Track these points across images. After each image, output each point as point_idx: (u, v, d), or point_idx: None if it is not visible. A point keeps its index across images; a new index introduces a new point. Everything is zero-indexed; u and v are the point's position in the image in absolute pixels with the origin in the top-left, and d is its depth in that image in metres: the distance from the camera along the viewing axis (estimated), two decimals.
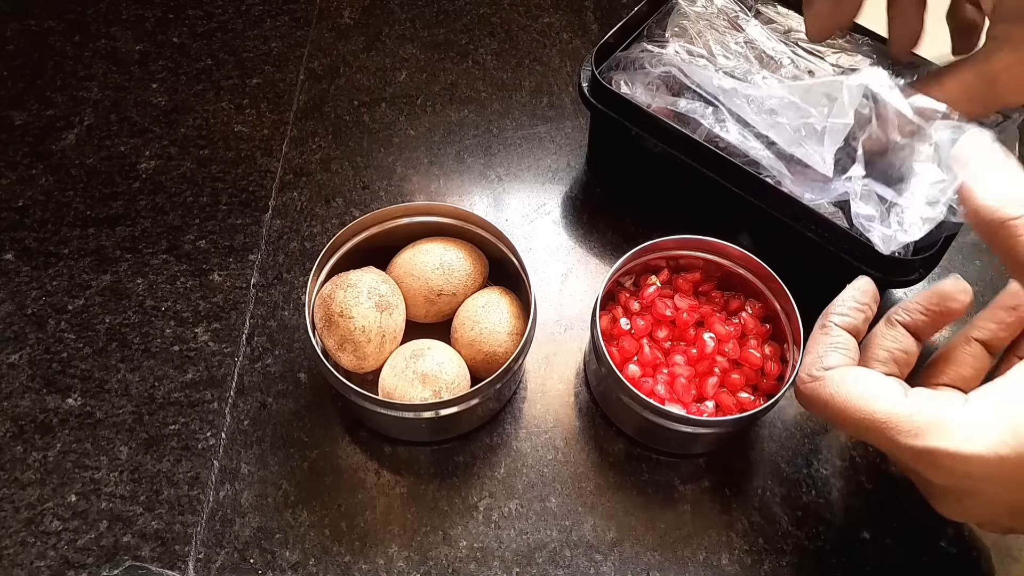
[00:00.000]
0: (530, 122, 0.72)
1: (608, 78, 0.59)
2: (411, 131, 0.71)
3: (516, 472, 0.54)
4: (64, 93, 0.72)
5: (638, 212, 0.65)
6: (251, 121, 0.71)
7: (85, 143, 0.69)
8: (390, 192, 0.67)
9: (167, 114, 0.71)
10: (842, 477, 0.54)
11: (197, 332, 0.59)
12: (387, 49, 0.76)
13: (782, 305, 0.54)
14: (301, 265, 0.63)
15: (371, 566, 0.51)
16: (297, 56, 0.75)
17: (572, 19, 0.79)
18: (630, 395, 0.50)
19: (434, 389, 0.50)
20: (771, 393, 0.53)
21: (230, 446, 0.55)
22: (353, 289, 0.52)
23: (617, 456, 0.55)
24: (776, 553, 0.52)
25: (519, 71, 0.75)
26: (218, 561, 0.51)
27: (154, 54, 0.75)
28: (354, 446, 0.55)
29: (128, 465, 0.54)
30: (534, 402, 0.57)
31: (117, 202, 0.66)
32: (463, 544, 0.51)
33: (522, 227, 0.65)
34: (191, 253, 0.63)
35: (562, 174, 0.69)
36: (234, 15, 0.78)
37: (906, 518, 0.53)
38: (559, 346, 0.59)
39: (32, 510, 0.52)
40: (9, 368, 0.58)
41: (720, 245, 0.55)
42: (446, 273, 0.55)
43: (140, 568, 0.50)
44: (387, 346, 0.53)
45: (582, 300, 0.61)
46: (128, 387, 0.57)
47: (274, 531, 0.52)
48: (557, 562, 0.51)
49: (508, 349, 0.53)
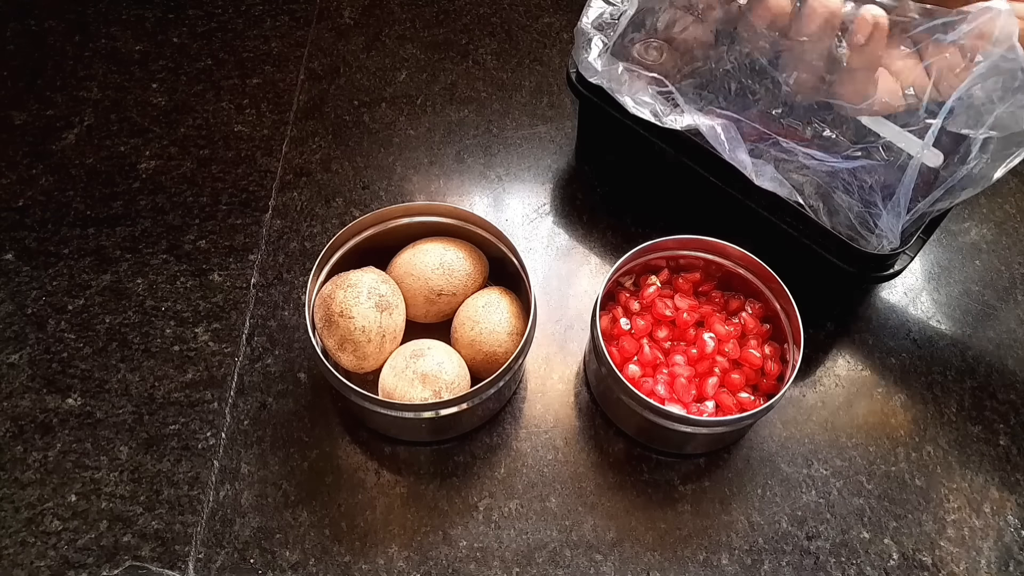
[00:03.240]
0: (530, 122, 0.72)
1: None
2: (411, 131, 0.71)
3: (516, 472, 0.54)
4: (64, 93, 0.72)
5: (638, 212, 0.65)
6: (251, 121, 0.71)
7: (85, 143, 0.69)
8: (390, 192, 0.67)
9: (167, 114, 0.71)
10: (842, 477, 0.54)
11: (197, 332, 0.59)
12: (387, 49, 0.76)
13: (782, 305, 0.54)
14: (301, 265, 0.63)
15: (371, 566, 0.51)
16: (297, 56, 0.75)
17: (572, 19, 0.79)
18: (630, 395, 0.50)
19: (434, 389, 0.50)
20: (771, 393, 0.53)
21: (230, 446, 0.55)
22: (353, 289, 0.52)
23: (617, 456, 0.55)
24: (776, 553, 0.52)
25: (519, 71, 0.75)
26: (218, 561, 0.51)
27: (154, 54, 0.75)
28: (354, 446, 0.55)
29: (128, 465, 0.54)
30: (534, 402, 0.57)
31: (117, 202, 0.66)
32: (463, 544, 0.51)
33: (522, 227, 0.65)
34: (191, 253, 0.63)
35: (563, 174, 0.69)
36: (234, 15, 0.78)
37: (906, 518, 0.53)
38: (559, 346, 0.59)
39: (32, 510, 0.52)
40: (9, 368, 0.58)
41: (720, 245, 0.55)
42: (446, 273, 0.55)
43: (140, 568, 0.50)
44: (387, 346, 0.53)
45: (582, 300, 0.61)
46: (128, 387, 0.57)
47: (274, 531, 0.52)
48: (557, 562, 0.51)
49: (508, 349, 0.53)
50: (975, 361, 0.60)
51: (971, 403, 0.58)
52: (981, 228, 0.66)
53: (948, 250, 0.65)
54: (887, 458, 0.55)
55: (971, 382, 0.59)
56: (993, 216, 0.67)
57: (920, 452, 0.55)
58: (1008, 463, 0.55)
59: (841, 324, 0.61)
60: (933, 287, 0.63)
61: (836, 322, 0.61)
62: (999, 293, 0.63)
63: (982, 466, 0.55)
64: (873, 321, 0.61)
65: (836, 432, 0.56)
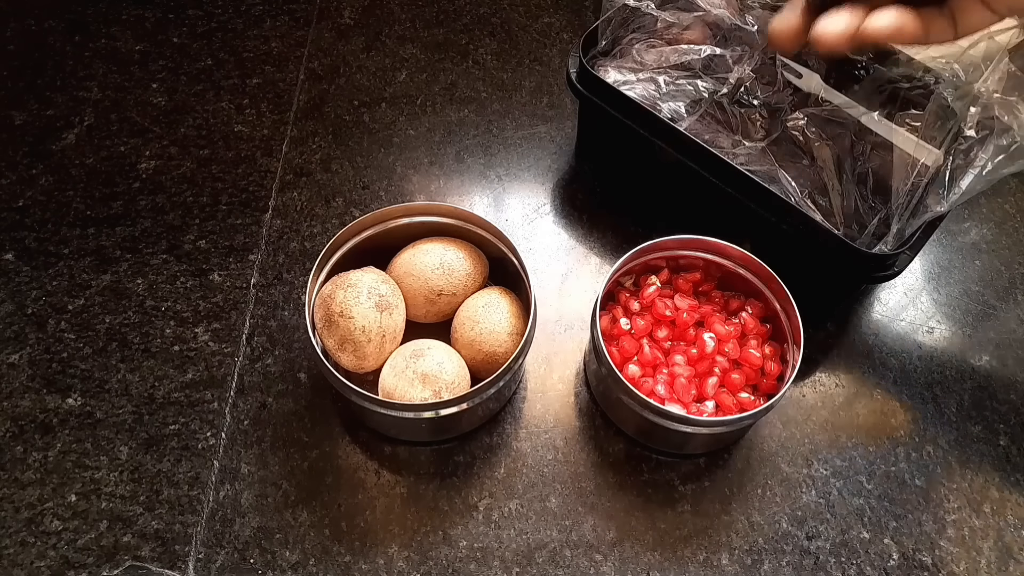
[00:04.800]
0: (530, 122, 0.72)
1: (597, 65, 0.59)
2: (411, 131, 0.71)
3: (516, 472, 0.54)
4: (64, 93, 0.72)
5: (638, 212, 0.65)
6: (251, 121, 0.71)
7: (85, 143, 0.69)
8: (390, 192, 0.67)
9: (167, 114, 0.71)
10: (842, 477, 0.54)
11: (197, 332, 0.59)
12: (387, 49, 0.76)
13: (782, 305, 0.54)
14: (301, 265, 0.63)
15: (371, 566, 0.51)
16: (297, 56, 0.75)
17: (572, 19, 0.79)
18: (630, 395, 0.50)
19: (434, 389, 0.50)
20: (771, 393, 0.53)
21: (230, 446, 0.55)
22: (353, 289, 0.52)
23: (617, 456, 0.55)
24: (776, 553, 0.52)
25: (519, 71, 0.75)
26: (218, 561, 0.51)
27: (154, 54, 0.75)
28: (354, 446, 0.55)
29: (128, 465, 0.54)
30: (534, 402, 0.57)
31: (117, 202, 0.66)
32: (463, 544, 0.51)
33: (522, 227, 0.65)
34: (191, 253, 0.63)
35: (562, 174, 0.69)
36: (234, 15, 0.78)
37: (905, 518, 0.53)
38: (559, 346, 0.59)
39: (32, 510, 0.52)
40: (9, 368, 0.58)
41: (720, 245, 0.55)
42: (446, 273, 0.55)
43: (140, 568, 0.50)
44: (387, 346, 0.53)
45: (582, 300, 0.61)
46: (128, 387, 0.57)
47: (274, 531, 0.52)
48: (557, 562, 0.51)
49: (508, 349, 0.53)
50: (975, 361, 0.60)
51: (971, 403, 0.58)
52: (981, 228, 0.66)
53: (948, 250, 0.65)
54: (887, 458, 0.55)
55: (971, 382, 0.59)
56: (993, 216, 0.67)
57: (920, 452, 0.55)
58: (1008, 463, 0.55)
59: (841, 324, 0.61)
60: (933, 287, 0.63)
61: (836, 322, 0.61)
62: (999, 293, 0.63)
63: (982, 466, 0.55)
64: (873, 321, 0.61)
65: (836, 432, 0.56)
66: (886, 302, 0.62)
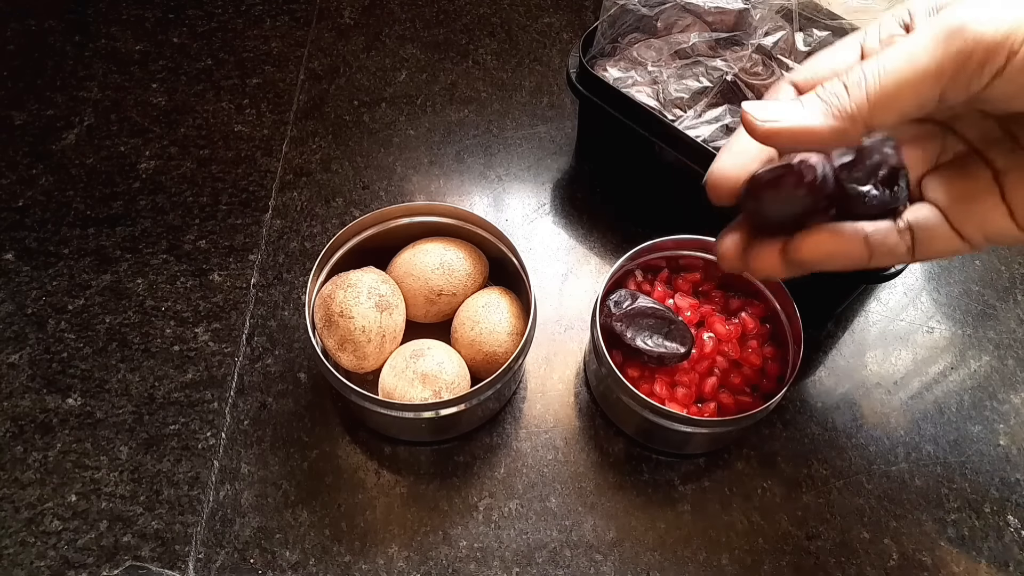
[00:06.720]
0: (530, 122, 0.72)
1: (597, 65, 0.59)
2: (411, 131, 0.71)
3: (516, 472, 0.54)
4: (64, 93, 0.72)
5: (638, 212, 0.65)
6: (251, 121, 0.71)
7: (85, 143, 0.69)
8: (390, 192, 0.67)
9: (167, 114, 0.71)
10: (842, 477, 0.54)
11: (197, 332, 0.59)
12: (387, 49, 0.76)
13: (782, 305, 0.54)
14: (301, 265, 0.63)
15: (371, 566, 0.51)
16: (297, 56, 0.75)
17: (572, 19, 0.79)
18: (630, 395, 0.50)
19: (434, 389, 0.50)
20: (771, 393, 0.53)
21: (230, 446, 0.55)
22: (353, 289, 0.52)
23: (617, 456, 0.55)
24: (776, 553, 0.52)
25: (519, 71, 0.75)
26: (218, 561, 0.51)
27: (154, 54, 0.75)
28: (354, 446, 0.55)
29: (128, 465, 0.54)
30: (534, 402, 0.57)
31: (117, 202, 0.66)
32: (463, 544, 0.51)
33: (522, 227, 0.65)
34: (191, 253, 0.63)
35: (563, 174, 0.69)
36: (234, 15, 0.78)
37: (906, 518, 0.53)
38: (559, 346, 0.59)
39: (32, 510, 0.52)
40: (9, 368, 0.58)
41: None
42: (446, 273, 0.55)
43: (140, 568, 0.50)
44: (387, 346, 0.53)
45: (582, 300, 0.61)
46: (128, 387, 0.57)
47: (274, 531, 0.52)
48: (557, 562, 0.51)
49: (508, 349, 0.53)
50: (975, 361, 0.60)
51: (971, 403, 0.58)
52: None
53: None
54: (887, 458, 0.55)
55: (971, 382, 0.59)
56: None
57: (920, 452, 0.55)
58: (1008, 463, 0.55)
59: (841, 324, 0.61)
60: (933, 287, 0.63)
61: (836, 322, 0.61)
62: (999, 293, 0.63)
63: (982, 466, 0.55)
64: (873, 321, 0.61)
65: (836, 432, 0.56)
66: (886, 302, 0.62)
